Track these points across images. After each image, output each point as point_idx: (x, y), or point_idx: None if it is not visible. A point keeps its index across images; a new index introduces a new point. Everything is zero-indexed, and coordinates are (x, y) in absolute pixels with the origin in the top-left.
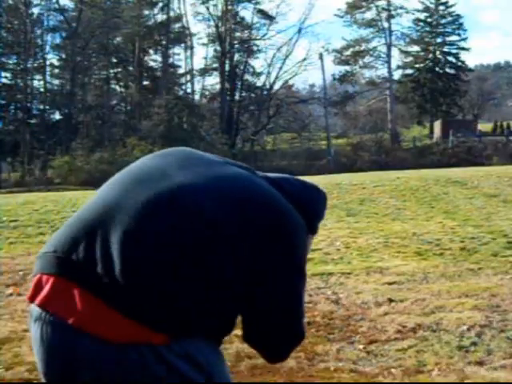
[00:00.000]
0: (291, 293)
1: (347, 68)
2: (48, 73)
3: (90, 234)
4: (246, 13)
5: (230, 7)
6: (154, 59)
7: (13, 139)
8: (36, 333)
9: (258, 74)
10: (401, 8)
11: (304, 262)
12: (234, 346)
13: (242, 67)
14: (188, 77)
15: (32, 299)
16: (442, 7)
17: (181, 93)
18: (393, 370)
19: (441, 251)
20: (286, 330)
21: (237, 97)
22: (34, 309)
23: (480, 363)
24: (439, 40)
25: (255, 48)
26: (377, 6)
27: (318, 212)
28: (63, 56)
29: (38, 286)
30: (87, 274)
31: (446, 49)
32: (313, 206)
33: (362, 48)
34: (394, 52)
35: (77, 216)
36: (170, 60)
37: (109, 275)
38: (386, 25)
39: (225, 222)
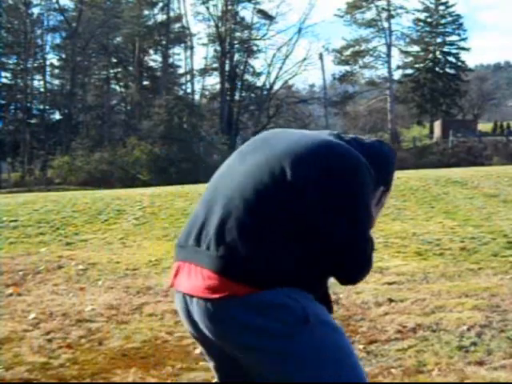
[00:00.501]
0: (360, 229)
1: (347, 68)
2: (48, 73)
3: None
4: (246, 13)
5: (229, 7)
6: (153, 59)
7: (13, 139)
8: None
9: (258, 74)
10: (401, 8)
11: (369, 203)
12: None
13: (242, 67)
14: (188, 77)
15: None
16: (441, 7)
17: (181, 93)
18: (393, 370)
19: (441, 251)
20: (351, 261)
21: (237, 97)
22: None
23: (480, 363)
24: (439, 40)
25: (255, 48)
26: (377, 6)
27: (386, 164)
28: (63, 56)
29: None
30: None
31: (446, 49)
32: (382, 159)
33: (362, 48)
34: (394, 52)
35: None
36: (170, 60)
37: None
38: (386, 25)
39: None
